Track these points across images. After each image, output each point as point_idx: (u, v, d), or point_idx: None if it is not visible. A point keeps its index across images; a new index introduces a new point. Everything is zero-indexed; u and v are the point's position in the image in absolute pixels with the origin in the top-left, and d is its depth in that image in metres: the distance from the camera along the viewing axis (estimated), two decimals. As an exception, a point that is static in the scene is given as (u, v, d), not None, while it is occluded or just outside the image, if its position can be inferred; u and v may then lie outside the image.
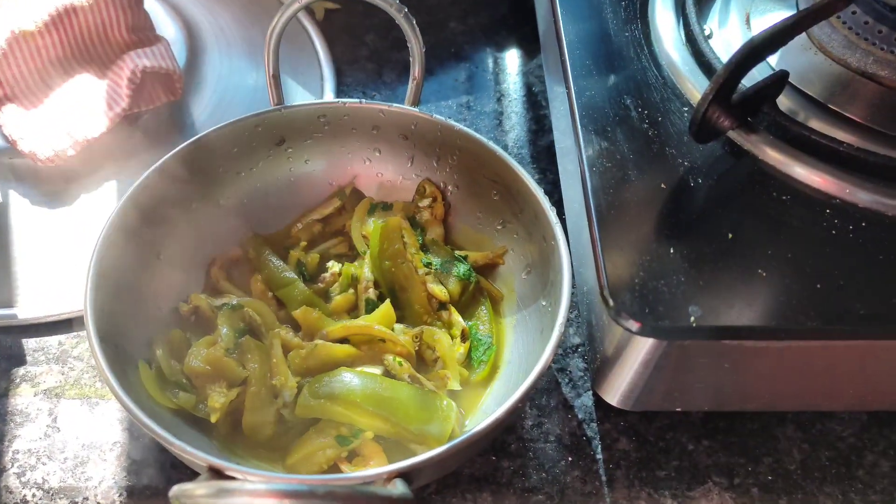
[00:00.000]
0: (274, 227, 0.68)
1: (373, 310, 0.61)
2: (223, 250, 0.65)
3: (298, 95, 0.80)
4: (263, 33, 0.83)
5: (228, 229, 0.66)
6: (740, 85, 0.54)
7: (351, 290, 0.63)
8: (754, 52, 0.51)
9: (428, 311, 0.62)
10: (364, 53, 0.86)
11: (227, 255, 0.65)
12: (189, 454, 0.49)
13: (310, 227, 0.68)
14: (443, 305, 0.62)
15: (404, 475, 0.48)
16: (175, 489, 0.46)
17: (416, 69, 0.64)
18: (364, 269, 0.63)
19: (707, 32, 0.63)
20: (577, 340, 0.66)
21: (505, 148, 0.78)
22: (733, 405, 0.58)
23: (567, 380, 0.64)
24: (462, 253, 0.65)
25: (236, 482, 0.48)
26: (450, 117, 0.65)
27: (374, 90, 0.83)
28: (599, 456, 0.60)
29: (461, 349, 0.60)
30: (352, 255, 0.67)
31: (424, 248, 0.65)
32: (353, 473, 0.52)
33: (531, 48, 0.88)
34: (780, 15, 0.64)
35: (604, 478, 0.59)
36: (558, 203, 0.68)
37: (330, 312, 0.62)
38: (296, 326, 0.61)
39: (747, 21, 0.65)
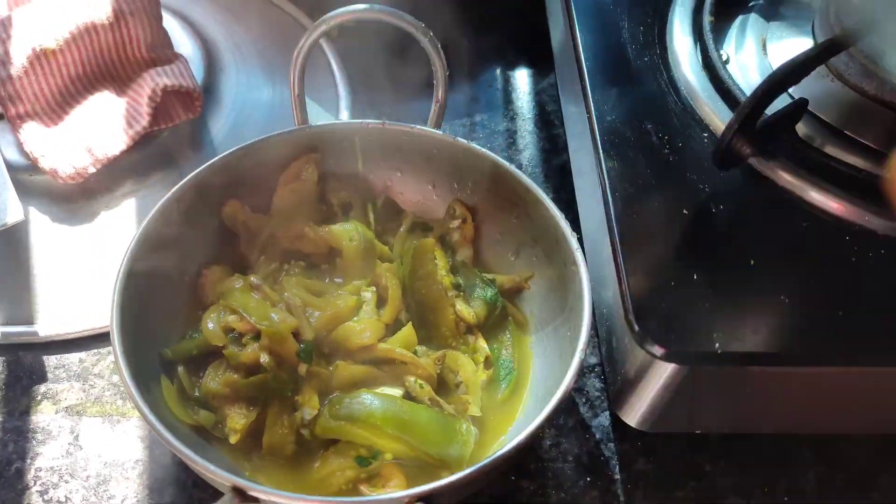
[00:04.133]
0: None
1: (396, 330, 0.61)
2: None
3: (314, 113, 0.80)
4: (280, 51, 0.85)
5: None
6: (761, 112, 0.55)
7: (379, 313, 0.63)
8: (779, 83, 0.52)
9: (454, 333, 0.62)
10: (379, 72, 0.86)
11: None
12: (212, 473, 0.50)
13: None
14: (469, 329, 0.63)
15: (425, 499, 0.48)
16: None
17: (439, 92, 0.64)
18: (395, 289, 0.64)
19: (724, 58, 0.64)
20: (593, 360, 0.67)
21: (519, 167, 0.78)
22: (751, 427, 0.59)
23: (584, 399, 0.65)
24: (490, 276, 0.65)
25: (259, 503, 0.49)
26: (463, 136, 0.66)
27: (390, 108, 0.83)
28: (618, 476, 0.61)
29: (484, 375, 0.61)
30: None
31: (453, 269, 0.65)
32: (375, 497, 0.52)
33: (543, 67, 0.89)
34: (796, 41, 0.65)
35: (622, 498, 0.60)
36: (574, 221, 0.68)
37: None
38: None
39: (763, 46, 0.66)
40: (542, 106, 0.86)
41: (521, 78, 0.88)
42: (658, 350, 0.49)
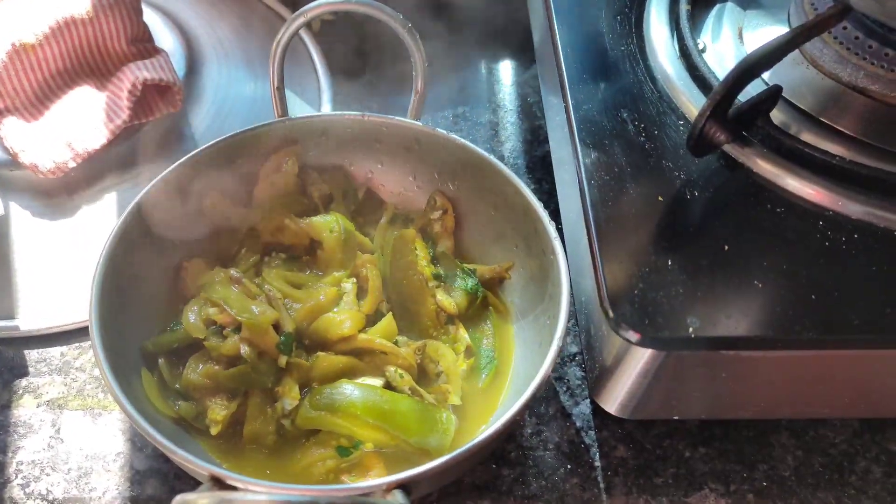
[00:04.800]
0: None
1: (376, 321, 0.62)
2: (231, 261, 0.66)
3: (296, 106, 0.81)
4: (261, 45, 0.85)
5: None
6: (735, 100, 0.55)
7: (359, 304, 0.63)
8: (750, 69, 0.52)
9: (435, 324, 0.62)
10: (360, 64, 0.86)
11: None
12: (191, 464, 0.50)
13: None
14: (450, 319, 0.63)
15: (403, 486, 0.49)
16: (178, 499, 0.46)
17: (418, 83, 0.64)
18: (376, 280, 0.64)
19: (701, 46, 0.65)
20: (574, 349, 0.67)
21: (501, 158, 0.79)
22: (729, 413, 0.59)
23: (565, 388, 0.65)
24: (470, 266, 0.65)
25: (238, 492, 0.49)
26: (445, 128, 0.66)
27: (371, 101, 0.84)
28: (598, 463, 0.61)
29: (464, 365, 0.61)
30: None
31: (434, 260, 0.66)
32: (354, 484, 0.52)
33: (525, 59, 0.89)
34: (772, 29, 0.66)
35: (602, 485, 0.60)
36: (555, 212, 0.69)
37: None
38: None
39: (740, 35, 0.66)
40: (524, 97, 0.86)
41: (504, 70, 0.89)
42: (633, 336, 0.49)
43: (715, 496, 0.60)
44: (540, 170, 0.79)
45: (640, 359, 0.52)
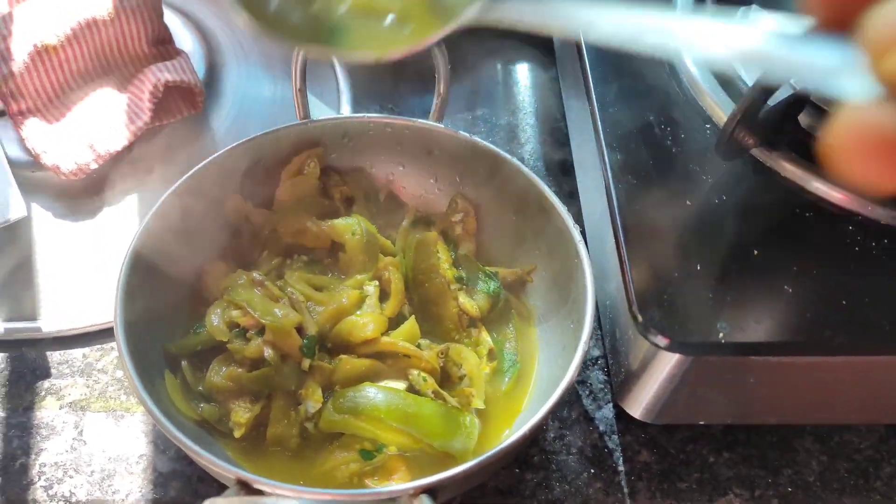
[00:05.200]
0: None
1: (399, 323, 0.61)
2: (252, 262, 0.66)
3: (315, 107, 0.80)
4: (281, 46, 0.85)
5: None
6: (763, 103, 0.55)
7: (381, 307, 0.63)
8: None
9: (457, 327, 0.62)
10: (380, 66, 0.86)
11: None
12: (217, 467, 0.50)
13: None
14: (472, 322, 0.63)
15: (430, 491, 0.48)
16: (206, 503, 0.46)
17: (440, 86, 0.64)
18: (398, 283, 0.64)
19: (726, 49, 0.64)
20: (596, 353, 0.67)
21: (521, 160, 0.78)
22: (755, 418, 0.59)
23: (587, 392, 0.65)
24: (492, 269, 0.65)
25: (265, 496, 0.49)
26: (465, 129, 0.66)
27: (391, 102, 0.83)
28: (621, 468, 0.61)
29: (487, 368, 0.61)
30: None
31: (456, 263, 0.65)
32: (380, 489, 0.53)
33: (545, 60, 0.89)
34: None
35: (626, 490, 0.60)
36: (576, 214, 0.68)
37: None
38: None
39: (765, 37, 0.65)
40: (543, 99, 0.85)
41: (522, 71, 0.88)
42: (662, 340, 0.49)
43: (740, 501, 0.59)
44: (560, 172, 0.79)
45: (668, 364, 0.52)
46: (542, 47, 0.88)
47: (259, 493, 0.49)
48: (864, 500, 0.60)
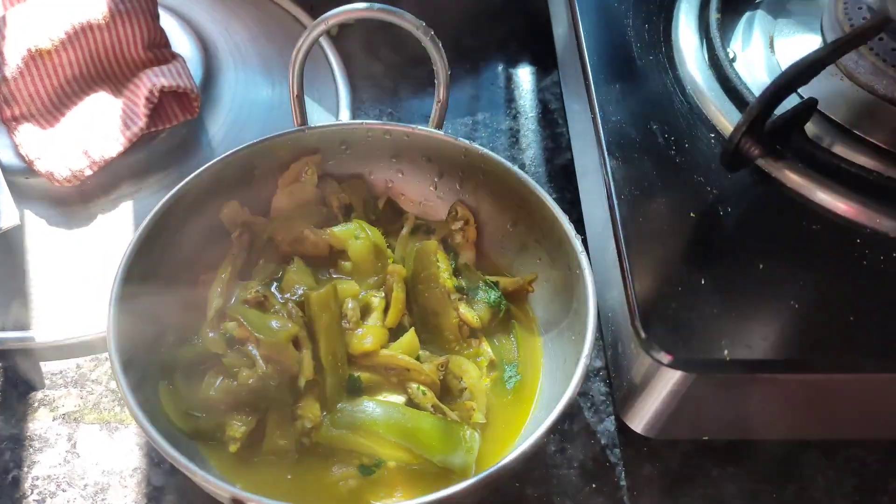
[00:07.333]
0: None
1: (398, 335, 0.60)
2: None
3: (314, 112, 0.80)
4: (278, 49, 0.84)
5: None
6: (769, 113, 0.54)
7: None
8: (788, 84, 0.51)
9: (458, 337, 0.61)
10: (379, 70, 0.85)
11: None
12: (212, 485, 0.49)
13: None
14: (473, 332, 0.62)
15: (429, 509, 0.48)
16: (201, 523, 0.45)
17: (440, 92, 0.63)
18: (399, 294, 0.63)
19: (731, 55, 0.63)
20: (598, 364, 0.66)
21: (522, 166, 0.77)
22: (760, 433, 0.58)
23: (589, 404, 0.64)
24: (493, 278, 0.64)
25: (261, 515, 0.48)
26: (465, 135, 0.65)
27: (390, 107, 0.82)
28: (623, 483, 0.60)
29: (488, 380, 0.60)
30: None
31: (456, 272, 0.64)
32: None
33: (546, 64, 0.88)
34: (804, 38, 0.64)
35: (628, 505, 0.59)
36: (578, 221, 0.67)
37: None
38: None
39: (771, 44, 0.64)
40: (544, 104, 0.84)
41: (524, 76, 0.87)
42: (665, 357, 0.48)
43: (744, 517, 0.58)
44: (562, 178, 0.78)
45: (670, 380, 0.51)
46: (543, 51, 0.87)
47: (253, 511, 0.48)
48: (871, 515, 0.59)
